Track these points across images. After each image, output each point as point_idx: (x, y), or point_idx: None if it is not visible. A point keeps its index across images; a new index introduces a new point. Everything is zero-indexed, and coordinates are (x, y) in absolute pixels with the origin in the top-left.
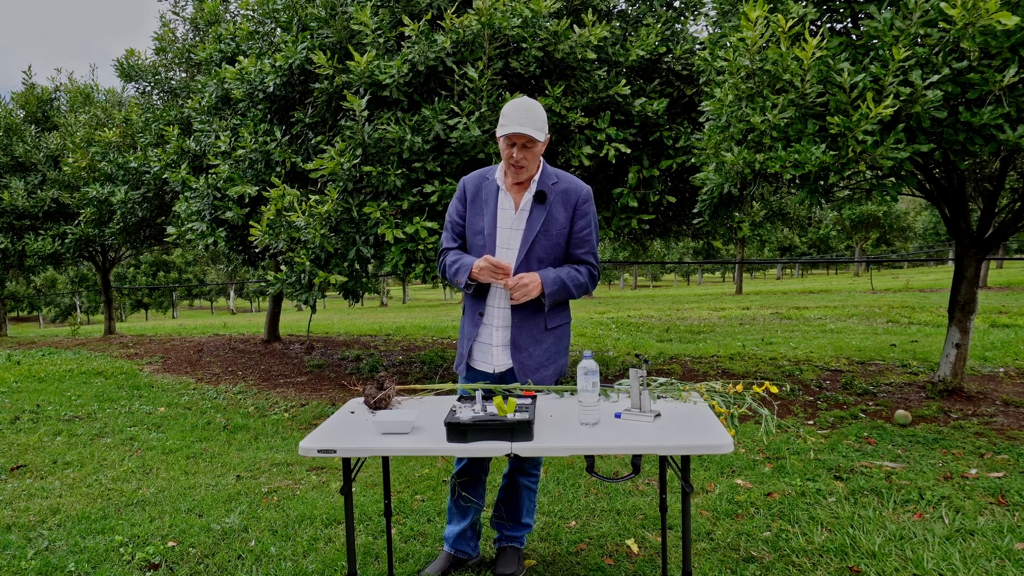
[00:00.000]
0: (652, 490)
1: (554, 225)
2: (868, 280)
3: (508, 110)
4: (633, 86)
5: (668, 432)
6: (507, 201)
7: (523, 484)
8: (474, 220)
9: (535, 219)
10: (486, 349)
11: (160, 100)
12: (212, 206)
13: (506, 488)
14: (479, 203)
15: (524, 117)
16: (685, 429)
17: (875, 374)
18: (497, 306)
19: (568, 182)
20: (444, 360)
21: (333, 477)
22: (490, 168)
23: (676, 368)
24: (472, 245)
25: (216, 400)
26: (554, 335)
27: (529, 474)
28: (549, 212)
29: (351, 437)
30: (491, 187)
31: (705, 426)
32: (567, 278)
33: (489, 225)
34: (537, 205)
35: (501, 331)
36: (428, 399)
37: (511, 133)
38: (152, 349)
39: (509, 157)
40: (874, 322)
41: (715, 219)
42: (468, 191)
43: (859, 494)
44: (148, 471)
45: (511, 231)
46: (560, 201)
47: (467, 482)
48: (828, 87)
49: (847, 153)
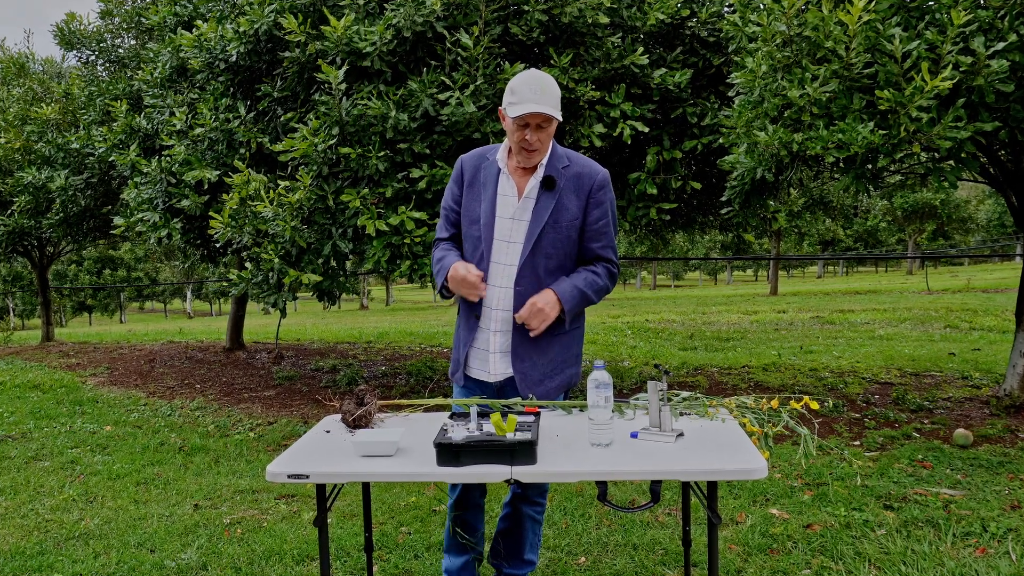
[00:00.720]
0: (674, 521)
1: (564, 215)
2: (923, 279)
3: (518, 86)
4: (652, 55)
5: (692, 454)
6: (509, 186)
7: (527, 515)
8: (471, 206)
9: (542, 208)
10: (483, 356)
11: (106, 71)
12: (166, 193)
13: (507, 519)
14: (477, 187)
15: (539, 93)
16: (712, 451)
17: (931, 388)
18: (494, 307)
19: (581, 165)
20: (434, 371)
21: (306, 506)
22: (491, 147)
23: (701, 381)
24: (467, 235)
25: (170, 417)
26: (561, 342)
27: (534, 503)
28: (559, 200)
29: (326, 460)
30: (491, 169)
31: (735, 447)
32: (585, 286)
33: (486, 213)
34: (545, 192)
35: (499, 336)
36: (415, 416)
37: (527, 113)
38: (96, 358)
39: (522, 140)
40: (930, 327)
41: (746, 208)
42: (466, 172)
43: (913, 526)
44: (92, 499)
45: (513, 222)
46: (572, 187)
47: (467, 512)
48: (877, 56)
49: (899, 132)
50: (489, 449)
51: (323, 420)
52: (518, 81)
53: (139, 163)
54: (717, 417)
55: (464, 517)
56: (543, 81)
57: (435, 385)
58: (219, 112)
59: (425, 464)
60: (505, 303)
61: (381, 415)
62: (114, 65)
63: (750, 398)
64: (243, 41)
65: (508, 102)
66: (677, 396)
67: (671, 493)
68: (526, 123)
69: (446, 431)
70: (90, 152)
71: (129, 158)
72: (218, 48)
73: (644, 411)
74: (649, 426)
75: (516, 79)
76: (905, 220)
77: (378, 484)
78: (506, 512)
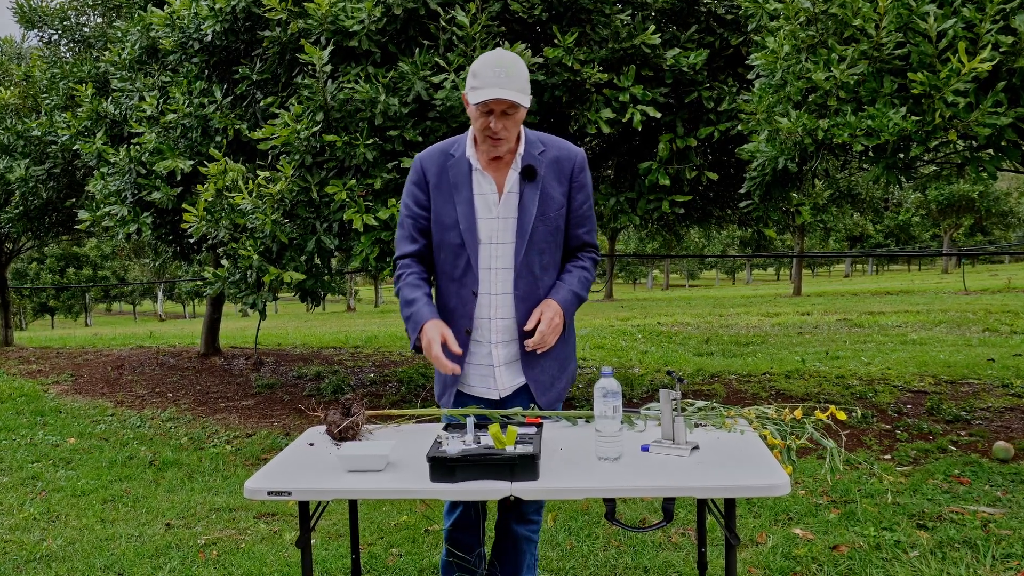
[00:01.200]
0: (688, 542)
1: (552, 205)
2: (960, 278)
3: (480, 68)
4: (664, 34)
5: (708, 469)
6: (486, 183)
7: (520, 535)
8: (443, 210)
9: (528, 202)
10: (484, 371)
11: (70, 52)
12: (135, 185)
13: (499, 539)
14: (445, 188)
15: (502, 76)
16: (730, 465)
17: (968, 396)
18: (492, 317)
19: (558, 148)
20: (426, 379)
21: (287, 526)
22: (451, 142)
23: (718, 389)
24: (443, 243)
25: (140, 429)
26: (564, 342)
27: (528, 521)
28: (543, 190)
29: (310, 476)
30: (460, 167)
31: (755, 462)
32: (580, 288)
33: (466, 217)
34: (527, 184)
35: (502, 347)
36: (407, 428)
37: (490, 100)
38: (60, 365)
39: (485, 128)
40: (967, 331)
41: (767, 202)
42: (429, 173)
43: (948, 547)
44: (55, 518)
45: (497, 221)
46: (552, 173)
47: (466, 534)
48: (909, 35)
49: (933, 118)
50: (487, 463)
51: (306, 432)
52: (481, 63)
53: (106, 152)
54: (735, 429)
55: (463, 539)
56: (509, 62)
57: (428, 394)
58: (193, 96)
59: (417, 480)
60: (504, 311)
61: (369, 426)
62: (79, 45)
63: (771, 408)
64: (219, 19)
65: (470, 86)
66: (692, 406)
67: (685, 511)
68: (490, 110)
69: (440, 443)
70: (53, 140)
71: (95, 146)
72: (192, 27)
73: (656, 422)
74: (661, 438)
75: (479, 61)
76: (940, 214)
77: (366, 502)
78: (498, 533)
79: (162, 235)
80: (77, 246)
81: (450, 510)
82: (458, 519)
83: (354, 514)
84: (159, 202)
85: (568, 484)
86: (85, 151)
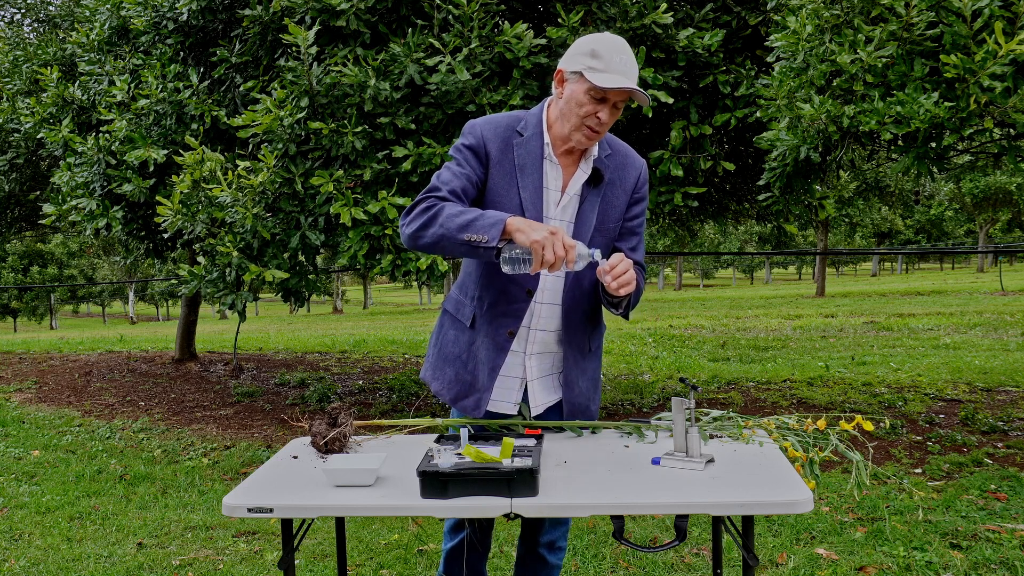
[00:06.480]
0: (703, 563)
1: (612, 214)
2: (996, 277)
3: (605, 50)
4: (677, 13)
5: (724, 484)
6: (554, 177)
7: (553, 564)
8: (505, 192)
9: (587, 209)
10: (511, 384)
11: (34, 33)
12: (104, 176)
13: (522, 565)
14: (509, 168)
15: (628, 65)
16: (747, 480)
17: (1006, 405)
18: (532, 327)
19: (623, 154)
20: (420, 387)
21: (269, 545)
22: (514, 116)
23: (735, 397)
24: None
25: (110, 440)
26: (596, 358)
27: (556, 548)
28: (604, 196)
29: (293, 491)
30: (531, 148)
31: (774, 476)
32: (638, 292)
33: (533, 204)
34: (590, 189)
35: (535, 360)
36: (398, 439)
37: (616, 88)
38: (22, 371)
39: (590, 115)
40: (1004, 334)
41: (788, 194)
42: (491, 146)
43: (984, 568)
44: (17, 537)
45: (553, 222)
46: (618, 181)
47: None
48: (942, 15)
49: (968, 104)
50: (482, 478)
51: (289, 444)
52: (604, 45)
53: (73, 141)
54: (754, 440)
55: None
56: (631, 52)
57: (421, 402)
58: (167, 81)
59: (409, 496)
60: (547, 322)
61: (358, 438)
62: (44, 25)
63: (792, 418)
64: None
65: (588, 66)
66: (707, 415)
67: (700, 529)
68: (604, 97)
69: (431, 456)
70: (15, 128)
71: (61, 135)
72: (166, 5)
73: (668, 433)
74: (674, 451)
75: (600, 41)
76: (975, 208)
77: (354, 519)
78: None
79: (133, 230)
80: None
81: (450, 532)
82: (458, 542)
83: (341, 533)
84: (130, 195)
85: (573, 500)
86: (50, 140)
